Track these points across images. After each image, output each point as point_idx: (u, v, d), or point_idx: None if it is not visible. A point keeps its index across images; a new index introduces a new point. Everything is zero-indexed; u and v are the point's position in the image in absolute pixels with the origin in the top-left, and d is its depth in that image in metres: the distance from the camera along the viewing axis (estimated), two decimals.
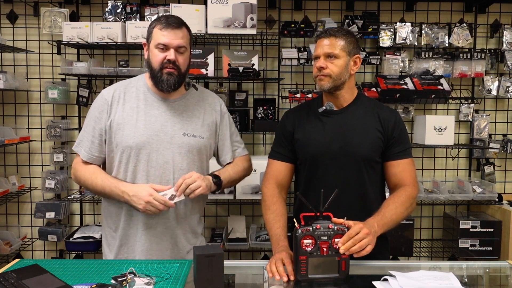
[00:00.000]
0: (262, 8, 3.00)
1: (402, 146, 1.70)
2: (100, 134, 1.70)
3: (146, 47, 1.72)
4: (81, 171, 1.72)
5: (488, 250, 2.88)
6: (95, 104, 1.74)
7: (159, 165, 1.67)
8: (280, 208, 1.69)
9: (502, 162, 3.19)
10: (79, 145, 1.73)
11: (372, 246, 1.41)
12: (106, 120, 1.69)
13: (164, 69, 1.65)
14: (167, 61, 1.64)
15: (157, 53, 1.65)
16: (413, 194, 1.65)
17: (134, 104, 1.70)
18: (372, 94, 2.91)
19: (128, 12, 2.91)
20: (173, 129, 1.70)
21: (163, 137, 1.68)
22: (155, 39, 1.65)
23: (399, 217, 1.59)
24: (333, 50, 1.65)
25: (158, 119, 1.69)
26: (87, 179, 1.70)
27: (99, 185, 1.67)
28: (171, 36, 1.63)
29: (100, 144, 1.71)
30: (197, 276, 1.32)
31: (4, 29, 3.03)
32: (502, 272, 1.65)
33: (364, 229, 1.40)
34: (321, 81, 1.68)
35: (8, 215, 3.12)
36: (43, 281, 1.34)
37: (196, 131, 1.73)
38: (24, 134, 2.97)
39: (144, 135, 1.66)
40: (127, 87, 1.75)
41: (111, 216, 1.76)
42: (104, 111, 1.70)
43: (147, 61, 1.70)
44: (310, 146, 1.71)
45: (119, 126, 1.67)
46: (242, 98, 3.02)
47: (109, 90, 1.74)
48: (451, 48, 3.07)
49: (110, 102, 1.70)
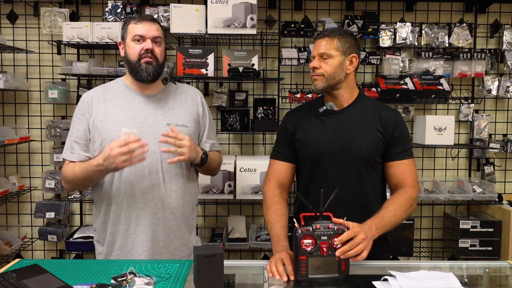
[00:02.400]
0: (262, 8, 3.00)
1: (403, 147, 1.70)
2: (85, 134, 1.73)
3: (122, 45, 1.77)
4: (65, 170, 1.73)
5: (488, 250, 2.88)
6: (77, 108, 1.78)
7: (146, 156, 1.66)
8: (280, 208, 1.69)
9: (502, 162, 3.19)
10: (67, 151, 1.75)
11: (368, 251, 1.41)
12: (88, 120, 1.73)
13: (142, 59, 1.69)
14: (145, 51, 1.69)
15: (134, 45, 1.70)
16: (413, 195, 1.65)
17: (115, 102, 1.74)
18: (372, 94, 2.91)
19: (128, 12, 2.91)
20: (156, 120, 1.73)
21: (147, 129, 1.70)
22: (131, 32, 1.70)
23: (398, 219, 1.59)
24: (326, 50, 1.66)
25: (141, 113, 1.72)
26: (69, 174, 1.70)
27: (79, 172, 1.67)
28: (147, 27, 1.70)
29: (86, 144, 1.73)
30: (197, 276, 1.32)
31: (4, 29, 3.03)
32: (502, 272, 1.65)
33: (361, 234, 1.40)
34: (315, 81, 1.70)
35: (8, 215, 3.12)
36: (43, 281, 1.34)
37: (180, 120, 1.75)
38: (24, 134, 2.98)
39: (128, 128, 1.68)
40: (105, 88, 1.80)
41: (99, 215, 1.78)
42: (85, 112, 1.74)
43: (125, 57, 1.74)
44: (310, 146, 1.71)
45: (102, 123, 1.70)
46: (242, 98, 3.02)
47: (88, 93, 1.80)
48: (451, 48, 3.07)
49: (90, 102, 1.74)
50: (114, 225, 1.74)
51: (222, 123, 2.93)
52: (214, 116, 3.05)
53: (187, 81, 3.01)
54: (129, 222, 1.72)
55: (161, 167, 1.71)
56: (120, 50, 1.77)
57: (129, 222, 1.72)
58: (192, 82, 3.04)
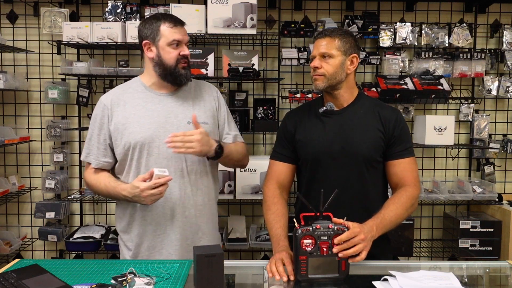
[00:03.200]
0: (262, 8, 3.00)
1: (403, 145, 1.70)
2: (105, 139, 1.74)
3: (149, 46, 1.72)
4: (89, 178, 1.78)
5: (488, 250, 2.88)
6: (96, 111, 1.77)
7: (170, 155, 1.69)
8: (280, 209, 1.69)
9: (502, 162, 3.19)
10: (89, 155, 1.77)
11: (367, 252, 1.41)
12: (108, 125, 1.73)
13: (179, 64, 1.71)
14: (182, 56, 1.71)
15: (171, 50, 1.70)
16: (414, 194, 1.65)
17: (135, 103, 1.74)
18: (372, 94, 2.91)
19: (128, 12, 2.91)
20: (177, 119, 1.73)
21: (169, 128, 1.71)
22: (167, 37, 1.69)
23: (399, 218, 1.59)
24: (327, 50, 1.66)
25: (161, 113, 1.73)
26: (94, 186, 1.76)
27: (104, 190, 1.73)
28: (183, 32, 1.72)
29: (105, 149, 1.75)
30: (197, 276, 1.32)
31: (4, 29, 3.03)
32: (502, 272, 1.65)
33: (361, 235, 1.40)
34: (316, 81, 1.69)
35: (8, 215, 3.12)
36: (43, 281, 1.34)
37: (200, 118, 1.75)
38: (24, 134, 2.97)
39: (150, 129, 1.70)
40: (123, 89, 1.79)
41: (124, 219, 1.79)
42: (105, 116, 1.74)
43: (157, 60, 1.71)
44: (311, 146, 1.71)
45: (124, 126, 1.71)
46: (242, 98, 3.02)
47: (107, 96, 1.78)
48: (451, 48, 3.07)
49: (110, 106, 1.74)
50: (141, 226, 1.75)
51: None
52: None
53: None
54: (157, 223, 1.74)
55: (185, 166, 1.73)
56: (146, 50, 1.73)
57: (157, 222, 1.73)
58: None
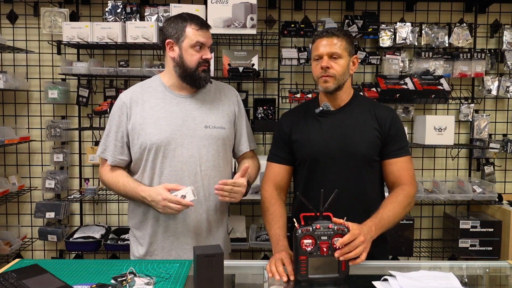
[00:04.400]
0: (262, 8, 2.99)
1: (399, 144, 1.70)
2: (122, 137, 1.75)
3: (172, 45, 1.72)
4: (106, 175, 1.78)
5: (488, 250, 2.88)
6: (115, 108, 1.77)
7: (185, 159, 1.70)
8: (278, 209, 1.69)
9: (502, 162, 3.19)
10: (105, 151, 1.77)
11: (366, 253, 1.42)
12: (126, 123, 1.74)
13: (200, 67, 1.71)
14: (204, 60, 1.71)
15: (193, 53, 1.70)
16: (411, 192, 1.65)
17: (153, 103, 1.74)
18: (372, 94, 2.91)
19: (128, 12, 2.91)
20: (194, 123, 1.73)
21: (185, 132, 1.71)
22: (192, 38, 1.68)
23: (397, 217, 1.59)
24: (337, 50, 1.64)
25: (179, 115, 1.73)
26: (111, 184, 1.76)
27: (122, 189, 1.73)
28: (207, 35, 1.72)
29: (122, 147, 1.76)
30: (197, 276, 1.32)
31: (4, 29, 3.03)
32: (502, 272, 1.65)
33: (360, 237, 1.40)
34: (326, 83, 1.66)
35: (8, 215, 3.12)
36: (43, 281, 1.34)
37: (217, 122, 1.76)
38: (24, 134, 2.97)
39: (167, 131, 1.70)
40: (143, 88, 1.79)
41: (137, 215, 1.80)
42: (123, 114, 1.74)
43: (178, 60, 1.71)
44: (308, 146, 1.71)
45: (141, 126, 1.71)
46: (242, 98, 2.99)
47: (126, 93, 1.78)
48: (451, 48, 3.07)
49: (129, 104, 1.74)
50: (153, 226, 1.76)
51: None
52: None
53: None
54: (168, 225, 1.74)
55: (199, 170, 1.73)
56: (168, 50, 1.72)
57: (168, 224, 1.74)
58: None
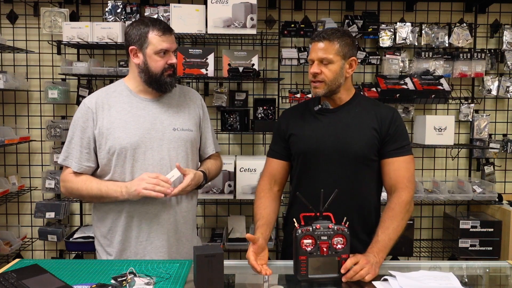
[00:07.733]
0: (262, 8, 3.00)
1: (398, 144, 1.66)
2: (88, 143, 1.70)
3: (136, 52, 1.69)
4: (73, 181, 1.71)
5: (488, 250, 2.88)
6: (78, 114, 1.72)
7: (156, 162, 1.69)
8: (264, 201, 1.71)
9: (502, 162, 3.19)
10: (68, 158, 1.72)
11: (373, 275, 1.42)
12: (93, 128, 1.69)
13: (165, 72, 1.69)
14: (169, 65, 1.69)
15: (158, 59, 1.67)
16: (408, 199, 1.62)
17: (120, 108, 1.71)
18: (372, 94, 2.91)
19: (128, 12, 2.91)
20: (162, 126, 1.72)
21: (154, 135, 1.70)
22: (155, 45, 1.66)
23: (399, 232, 1.58)
24: (327, 55, 1.61)
25: (147, 118, 1.71)
26: (81, 187, 1.69)
27: (95, 188, 1.67)
28: (170, 40, 1.69)
29: (89, 153, 1.70)
30: (197, 276, 1.32)
31: (4, 29, 3.03)
32: (502, 272, 1.65)
33: (363, 259, 1.42)
34: (316, 89, 1.66)
35: (8, 215, 3.12)
36: (43, 281, 1.34)
37: (185, 125, 1.76)
38: (24, 134, 2.97)
39: (136, 134, 1.68)
40: (108, 92, 1.76)
41: (105, 224, 1.76)
42: (89, 119, 1.69)
43: (143, 67, 1.69)
44: (302, 142, 1.71)
45: (109, 130, 1.67)
46: (242, 98, 3.02)
47: (90, 98, 1.74)
48: (451, 48, 3.07)
49: (95, 109, 1.70)
50: (124, 233, 1.72)
51: (222, 123, 2.93)
52: (214, 116, 3.05)
53: (187, 81, 3.01)
54: (140, 229, 1.71)
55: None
56: (132, 56, 1.70)
57: (141, 229, 1.71)
58: (192, 82, 3.04)
